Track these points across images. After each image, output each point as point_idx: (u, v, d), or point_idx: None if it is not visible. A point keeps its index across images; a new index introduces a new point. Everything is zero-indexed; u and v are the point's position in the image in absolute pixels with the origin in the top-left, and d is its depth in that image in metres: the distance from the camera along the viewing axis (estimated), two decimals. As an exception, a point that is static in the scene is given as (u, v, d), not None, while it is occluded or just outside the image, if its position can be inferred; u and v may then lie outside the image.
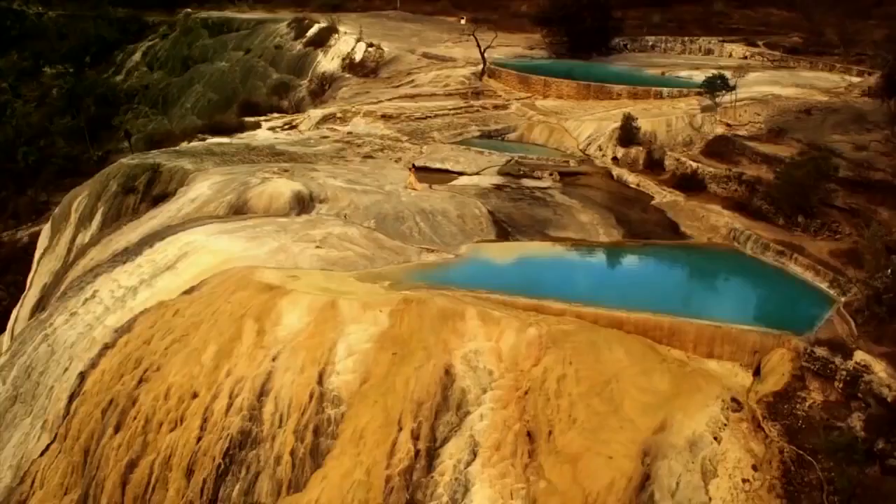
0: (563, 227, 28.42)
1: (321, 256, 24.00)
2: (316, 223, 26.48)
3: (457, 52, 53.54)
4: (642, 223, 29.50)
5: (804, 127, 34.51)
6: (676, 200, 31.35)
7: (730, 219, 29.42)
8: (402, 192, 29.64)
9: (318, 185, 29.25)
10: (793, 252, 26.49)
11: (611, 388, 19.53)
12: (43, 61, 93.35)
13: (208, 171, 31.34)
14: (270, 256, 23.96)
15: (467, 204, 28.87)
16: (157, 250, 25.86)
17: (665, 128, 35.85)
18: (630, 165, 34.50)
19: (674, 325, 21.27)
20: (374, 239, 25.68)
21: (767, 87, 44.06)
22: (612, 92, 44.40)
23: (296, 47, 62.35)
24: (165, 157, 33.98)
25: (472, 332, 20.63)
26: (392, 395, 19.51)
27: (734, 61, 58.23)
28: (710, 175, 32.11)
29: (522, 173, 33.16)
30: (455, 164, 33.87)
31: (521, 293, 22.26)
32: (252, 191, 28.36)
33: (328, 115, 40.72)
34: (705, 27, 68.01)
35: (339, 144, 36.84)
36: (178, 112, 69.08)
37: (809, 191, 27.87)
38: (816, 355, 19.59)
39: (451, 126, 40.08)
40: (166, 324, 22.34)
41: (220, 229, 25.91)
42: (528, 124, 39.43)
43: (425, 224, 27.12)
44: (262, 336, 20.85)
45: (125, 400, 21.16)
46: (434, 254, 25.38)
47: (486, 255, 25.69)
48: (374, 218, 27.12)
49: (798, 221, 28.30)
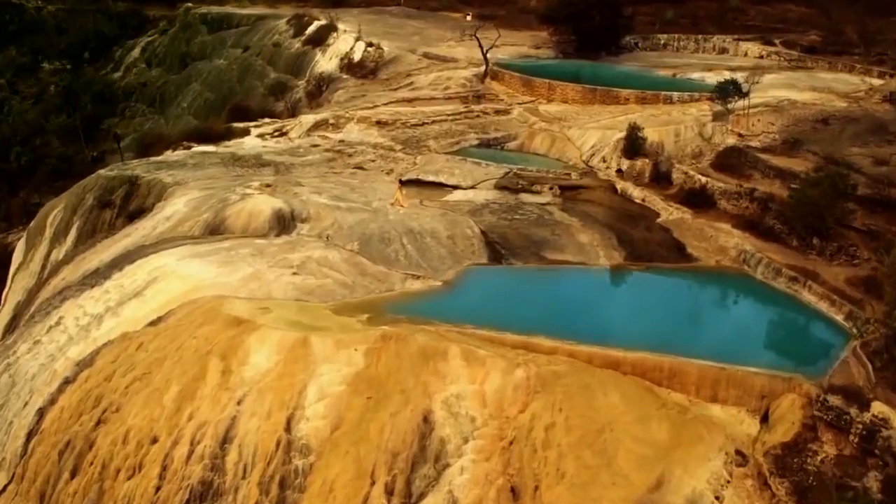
0: (560, 248, 26.93)
1: (297, 285, 22.64)
2: (295, 245, 25.12)
3: (459, 53, 51.97)
4: (645, 243, 27.96)
5: (821, 138, 32.85)
6: (683, 218, 29.80)
7: (740, 239, 27.87)
8: (390, 210, 28.26)
9: (301, 201, 27.89)
10: (806, 279, 24.93)
11: (604, 438, 18.11)
12: (41, 57, 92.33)
13: (187, 184, 30.05)
14: (242, 284, 22.62)
15: (459, 223, 27.43)
16: (126, 274, 24.62)
17: (673, 138, 34.25)
18: (635, 179, 32.94)
19: (674, 366, 19.81)
20: (356, 264, 24.29)
21: (783, 92, 42.37)
22: (620, 96, 42.76)
23: (294, 45, 60.93)
24: (145, 169, 32.74)
25: (454, 374, 19.24)
26: (365, 444, 18.16)
27: (749, 61, 56.48)
28: (719, 190, 30.53)
29: (521, 187, 31.68)
30: (449, 177, 32.42)
31: (509, 328, 20.83)
32: (230, 209, 27.03)
33: (320, 122, 39.32)
34: (720, 24, 66.13)
35: (330, 154, 35.45)
36: (174, 112, 67.87)
37: (825, 211, 26.27)
38: (830, 404, 18.08)
39: (448, 133, 38.61)
40: (129, 358, 21.08)
41: (193, 252, 24.60)
42: (529, 132, 37.89)
43: (412, 246, 25.71)
44: (228, 376, 19.54)
45: (82, 442, 19.95)
46: (420, 281, 23.97)
47: (475, 282, 24.24)
48: (357, 239, 25.73)
49: (813, 244, 26.71)
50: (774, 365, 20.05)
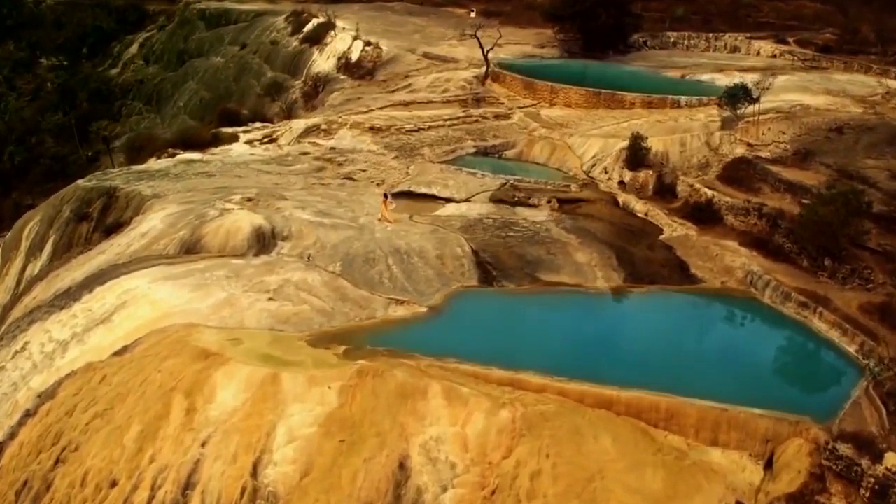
0: (556, 269, 25.69)
1: (272, 312, 21.49)
2: (274, 266, 23.97)
3: (460, 52, 50.65)
4: (647, 263, 26.68)
5: (834, 149, 31.48)
6: (688, 235, 28.50)
7: (747, 259, 26.59)
8: (377, 226, 27.07)
9: (284, 217, 26.74)
10: (817, 305, 23.62)
11: (594, 487, 16.93)
12: (40, 52, 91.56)
13: (166, 197, 28.96)
14: (214, 311, 21.50)
15: (449, 241, 26.22)
16: (95, 296, 23.55)
17: (678, 148, 32.91)
18: (638, 191, 31.63)
19: (672, 407, 18.55)
20: (337, 288, 23.13)
21: (796, 95, 40.93)
22: (625, 100, 41.40)
23: (292, 44, 59.76)
24: (125, 179, 31.67)
25: (434, 414, 18.07)
26: (336, 492, 17.03)
27: (762, 60, 54.99)
28: (726, 205, 29.21)
29: (517, 200, 30.43)
30: (443, 189, 31.20)
31: (496, 362, 19.61)
32: (208, 226, 25.90)
33: (312, 127, 38.14)
34: (732, 21, 64.52)
35: (319, 162, 34.29)
36: (170, 111, 66.87)
37: (838, 231, 24.92)
38: (839, 453, 16.82)
39: (444, 140, 37.38)
40: (91, 392, 20.00)
41: (165, 274, 23.48)
42: (528, 140, 36.57)
43: (398, 268, 24.52)
44: (192, 415, 18.41)
45: (40, 482, 18.91)
46: (404, 306, 22.78)
47: (462, 308, 23.02)
48: (340, 260, 24.56)
49: (824, 265, 25.39)
50: (780, 404, 18.74)
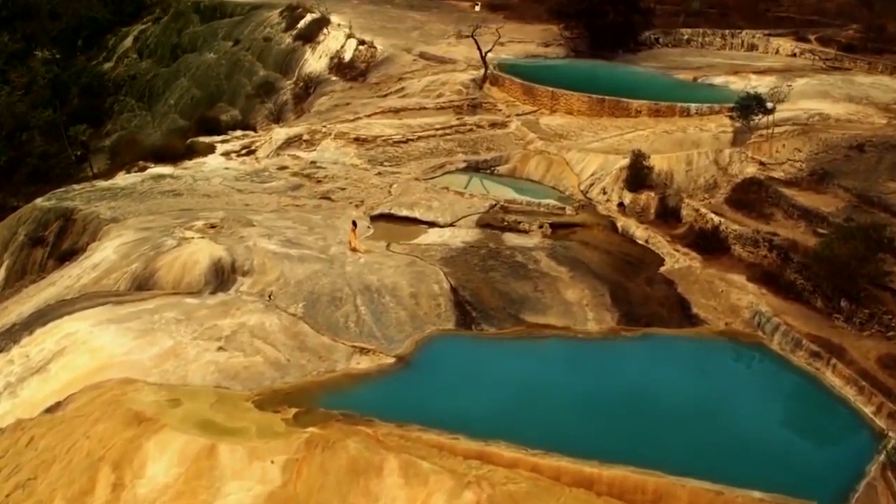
0: (542, 309, 23.74)
1: (220, 366, 19.67)
2: (230, 307, 22.12)
3: (458, 52, 48.52)
4: (644, 301, 24.69)
5: (854, 169, 29.27)
6: (690, 267, 26.46)
7: (755, 297, 24.56)
8: (348, 257, 25.16)
9: (247, 248, 24.87)
10: (831, 355, 21.60)
11: (567, 586, 15.05)
12: (35, 43, 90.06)
13: (125, 222, 27.19)
14: (157, 364, 19.71)
15: (426, 277, 24.29)
16: (35, 339, 21.80)
17: (684, 167, 30.74)
18: (639, 215, 29.54)
19: (660, 488, 16.61)
20: (297, 334, 21.28)
21: (814, 103, 38.67)
22: (630, 108, 39.20)
23: (285, 40, 57.80)
24: (86, 199, 29.95)
25: (389, 495, 16.22)
26: (274, 588, 15.25)
27: (780, 60, 52.64)
28: (734, 234, 27.14)
29: (506, 224, 28.45)
30: (426, 212, 29.23)
31: (463, 429, 17.71)
32: (163, 258, 24.08)
33: (293, 138, 36.22)
34: (751, 16, 62.12)
35: (297, 179, 32.40)
36: (161, 108, 65.20)
37: (856, 271, 22.80)
38: (850, 553, 14.84)
39: (434, 153, 35.37)
40: (17, 456, 18.25)
41: (111, 315, 21.68)
42: (522, 155, 34.41)
43: (367, 308, 22.63)
44: (119, 492, 16.64)
45: (-47, 562, 17.24)
46: (369, 356, 20.92)
47: (433, 358, 21.09)
48: (304, 300, 22.69)
49: (840, 306, 23.32)
50: (784, 484, 16.76)
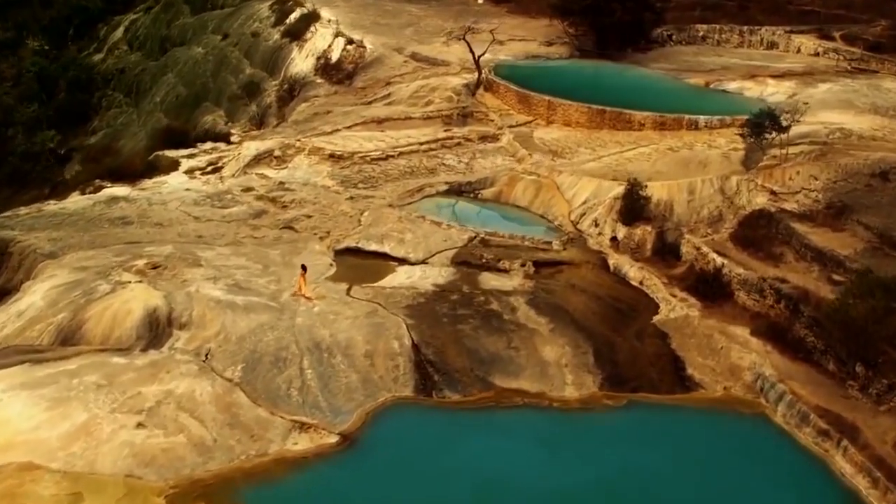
0: (515, 371, 21.36)
1: (135, 449, 17.47)
2: (159, 370, 19.90)
3: (452, 53, 45.68)
4: (632, 360, 22.26)
5: (876, 202, 26.63)
6: (688, 316, 23.98)
7: (759, 356, 22.11)
8: (301, 306, 22.83)
9: (188, 295, 22.58)
10: (842, 435, 19.11)
11: None
12: (26, 32, 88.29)
13: (62, 259, 25.03)
14: (65, 444, 17.56)
15: (386, 330, 21.94)
16: (-61, 405, 19.68)
17: (686, 196, 28.10)
18: (633, 251, 27.01)
19: None
20: (230, 405, 19.05)
21: (836, 115, 35.90)
22: (633, 120, 36.51)
23: (273, 36, 55.39)
24: (28, 227, 27.97)
25: None
26: None
27: (802, 60, 49.77)
28: (738, 279, 24.61)
29: (484, 262, 26.01)
30: (397, 246, 26.82)
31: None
32: (93, 307, 21.87)
33: (264, 153, 33.84)
34: (772, 11, 59.07)
35: (261, 204, 30.08)
36: (147, 106, 63.05)
37: (875, 334, 20.23)
38: None
39: (414, 172, 32.92)
40: None
41: (25, 378, 19.53)
42: (510, 177, 31.70)
43: (314, 372, 20.34)
44: None
45: None
46: (309, 433, 18.67)
47: (381, 436, 18.75)
48: (244, 361, 20.43)
49: (855, 372, 20.78)
50: None
